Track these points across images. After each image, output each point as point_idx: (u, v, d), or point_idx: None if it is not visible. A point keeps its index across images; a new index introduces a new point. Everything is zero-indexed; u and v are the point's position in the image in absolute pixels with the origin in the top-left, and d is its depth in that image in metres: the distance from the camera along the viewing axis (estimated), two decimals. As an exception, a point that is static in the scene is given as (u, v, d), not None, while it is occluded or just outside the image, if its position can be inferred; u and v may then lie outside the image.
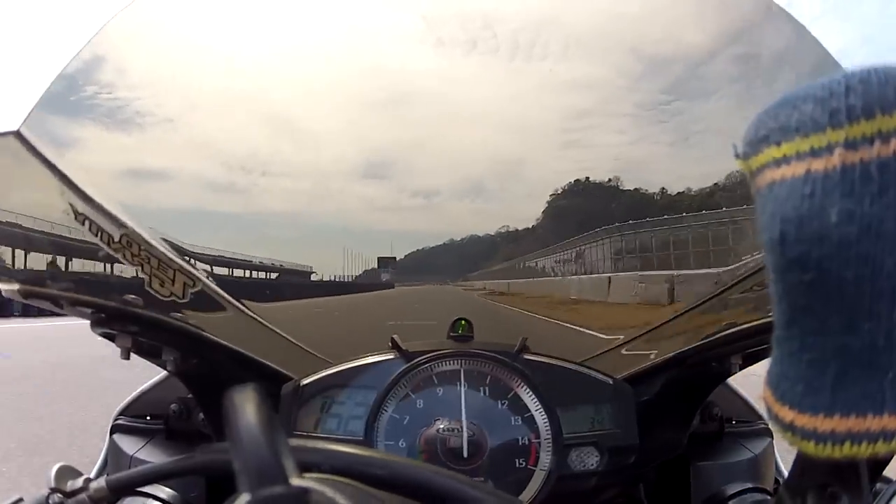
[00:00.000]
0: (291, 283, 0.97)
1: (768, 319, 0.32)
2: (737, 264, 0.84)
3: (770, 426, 0.34)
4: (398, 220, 0.99)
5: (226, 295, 0.90)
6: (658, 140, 0.91)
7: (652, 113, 0.90)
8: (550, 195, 0.96)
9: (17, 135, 0.70)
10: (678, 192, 0.94)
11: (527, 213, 1.00)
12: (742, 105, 0.89)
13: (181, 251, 0.85)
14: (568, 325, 1.09)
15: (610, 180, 0.95)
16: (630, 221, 1.03)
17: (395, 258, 1.03)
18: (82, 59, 0.74)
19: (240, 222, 0.95)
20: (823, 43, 0.73)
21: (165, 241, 0.83)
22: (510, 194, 0.98)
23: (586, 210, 1.03)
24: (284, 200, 0.96)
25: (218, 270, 0.92)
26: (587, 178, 0.94)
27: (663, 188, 0.94)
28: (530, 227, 1.01)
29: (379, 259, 1.04)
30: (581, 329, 1.06)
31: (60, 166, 0.74)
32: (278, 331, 0.95)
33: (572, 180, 0.94)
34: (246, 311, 0.92)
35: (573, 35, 0.87)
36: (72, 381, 6.97)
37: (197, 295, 0.86)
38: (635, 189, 0.97)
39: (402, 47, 0.88)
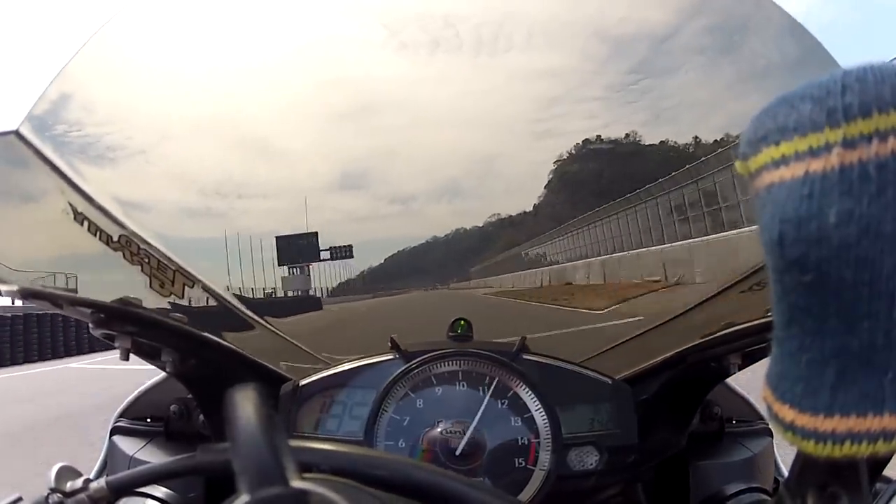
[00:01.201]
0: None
1: (767, 319, 0.32)
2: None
3: (770, 426, 0.34)
4: (378, 229, 0.98)
5: (224, 295, 0.90)
6: (630, 120, 0.91)
7: (621, 94, 0.89)
8: (555, 162, 0.94)
9: (17, 134, 0.70)
10: (715, 141, 0.91)
11: (508, 207, 0.99)
12: (711, 76, 0.90)
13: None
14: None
15: (628, 135, 0.91)
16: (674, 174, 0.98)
17: (315, 234, 0.95)
18: (48, 98, 0.74)
19: (219, 246, 0.94)
20: (787, 4, 0.74)
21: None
22: (489, 191, 0.97)
23: (604, 174, 1.01)
24: (263, 221, 0.96)
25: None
26: (598, 137, 0.91)
27: (696, 136, 0.92)
28: (532, 206, 0.99)
29: (278, 246, 0.96)
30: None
31: (60, 166, 0.74)
32: (278, 331, 0.95)
33: (580, 141, 0.92)
34: (245, 311, 0.92)
35: (536, 24, 0.87)
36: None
37: (196, 296, 0.86)
38: (661, 142, 0.94)
39: (366, 55, 0.88)
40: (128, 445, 0.95)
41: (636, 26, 0.88)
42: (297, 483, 0.32)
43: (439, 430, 0.79)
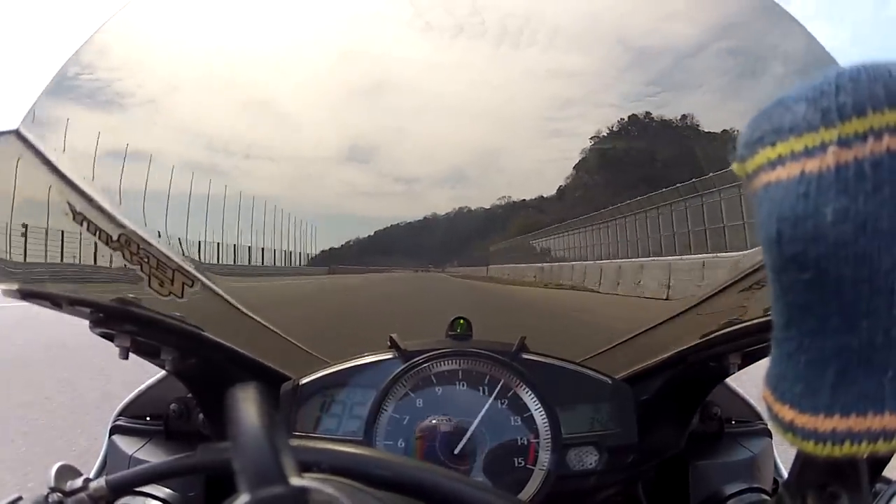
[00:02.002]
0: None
1: (767, 318, 0.32)
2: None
3: (770, 426, 0.34)
4: (380, 206, 0.98)
5: (224, 295, 0.90)
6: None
7: (636, 104, 0.89)
8: (592, 138, 0.91)
9: (17, 134, 0.70)
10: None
11: (520, 194, 0.98)
12: (729, 99, 0.89)
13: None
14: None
15: (684, 117, 0.88)
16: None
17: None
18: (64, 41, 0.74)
19: (220, 205, 0.93)
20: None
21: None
22: (491, 182, 0.96)
23: (658, 156, 0.98)
24: (266, 184, 0.95)
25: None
26: (648, 114, 0.88)
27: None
28: (557, 189, 0.95)
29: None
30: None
31: (58, 164, 0.74)
32: (277, 330, 0.94)
33: (626, 116, 0.89)
34: (244, 310, 0.92)
35: (561, 23, 0.86)
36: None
37: (195, 294, 0.86)
38: (723, 131, 0.90)
39: (389, 31, 0.87)
40: (127, 444, 0.95)
41: (661, 39, 0.87)
42: (297, 482, 0.32)
43: (439, 429, 0.79)
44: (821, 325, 0.29)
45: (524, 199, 0.98)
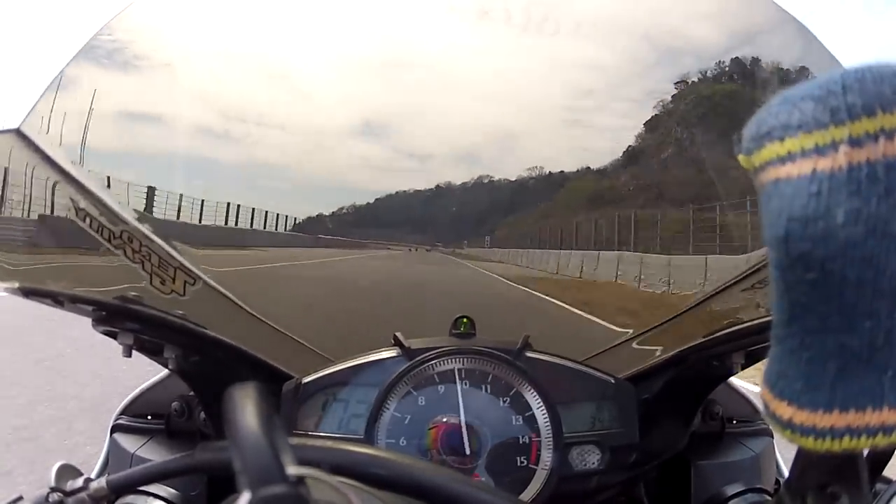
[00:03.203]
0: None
1: (769, 318, 0.32)
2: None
3: (767, 423, 0.34)
4: (390, 181, 0.97)
5: (227, 293, 0.90)
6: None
7: (659, 102, 0.89)
8: (677, 83, 0.89)
9: (18, 132, 0.70)
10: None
11: (524, 186, 0.96)
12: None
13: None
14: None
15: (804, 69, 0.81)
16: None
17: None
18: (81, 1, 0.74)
19: (232, 171, 0.92)
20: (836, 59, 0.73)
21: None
22: (506, 166, 0.96)
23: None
24: (278, 152, 0.95)
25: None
26: (755, 58, 0.83)
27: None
28: (625, 149, 0.91)
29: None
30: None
31: (62, 164, 0.74)
32: (280, 328, 0.94)
33: (727, 60, 0.86)
34: (247, 309, 0.92)
35: (587, 13, 0.86)
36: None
37: (198, 293, 0.86)
38: None
39: (412, 8, 0.87)
40: (129, 443, 0.95)
41: (687, 40, 0.87)
42: (297, 481, 0.32)
43: (440, 428, 0.79)
44: (822, 323, 0.29)
45: (563, 171, 0.95)
